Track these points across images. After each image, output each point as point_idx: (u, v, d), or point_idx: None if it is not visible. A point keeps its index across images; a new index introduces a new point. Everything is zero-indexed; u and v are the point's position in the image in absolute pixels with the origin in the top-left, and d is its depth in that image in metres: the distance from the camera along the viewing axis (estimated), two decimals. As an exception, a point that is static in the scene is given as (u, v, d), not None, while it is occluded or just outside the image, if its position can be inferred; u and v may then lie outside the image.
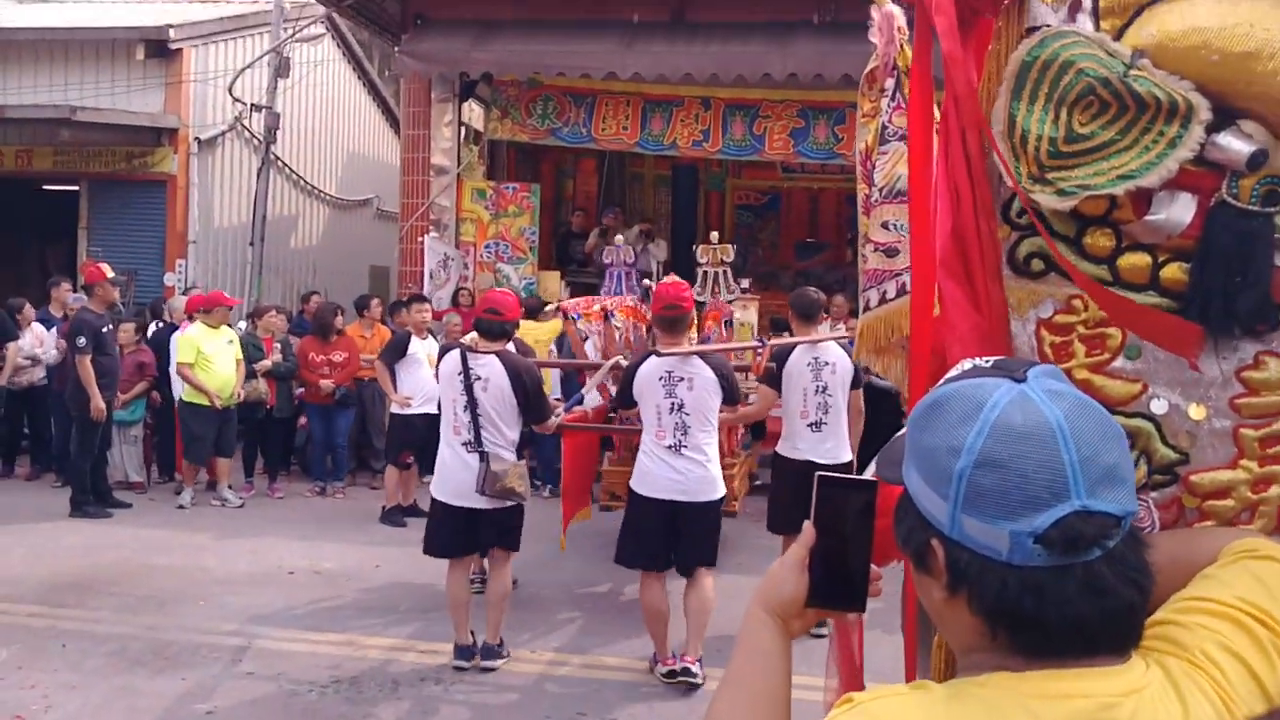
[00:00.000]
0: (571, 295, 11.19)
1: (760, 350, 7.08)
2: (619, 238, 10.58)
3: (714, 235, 9.53)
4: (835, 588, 1.34)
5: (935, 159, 1.85)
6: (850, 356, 6.37)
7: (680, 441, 5.61)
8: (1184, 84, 1.63)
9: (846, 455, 6.53)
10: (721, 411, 5.89)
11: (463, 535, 5.88)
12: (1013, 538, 1.09)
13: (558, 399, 7.68)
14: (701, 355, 5.84)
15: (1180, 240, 1.68)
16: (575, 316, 8.21)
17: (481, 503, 5.75)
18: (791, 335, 7.02)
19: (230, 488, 10.12)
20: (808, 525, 1.36)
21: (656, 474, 5.65)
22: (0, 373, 10.23)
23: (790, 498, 6.29)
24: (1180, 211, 1.67)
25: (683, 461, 5.62)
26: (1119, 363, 1.73)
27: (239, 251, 14.99)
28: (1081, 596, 1.09)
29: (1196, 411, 1.69)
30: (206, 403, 9.75)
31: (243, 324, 11.38)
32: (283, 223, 16.30)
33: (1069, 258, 1.73)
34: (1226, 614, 1.23)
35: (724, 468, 7.53)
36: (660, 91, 12.03)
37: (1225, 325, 1.64)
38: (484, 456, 5.69)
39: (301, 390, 10.82)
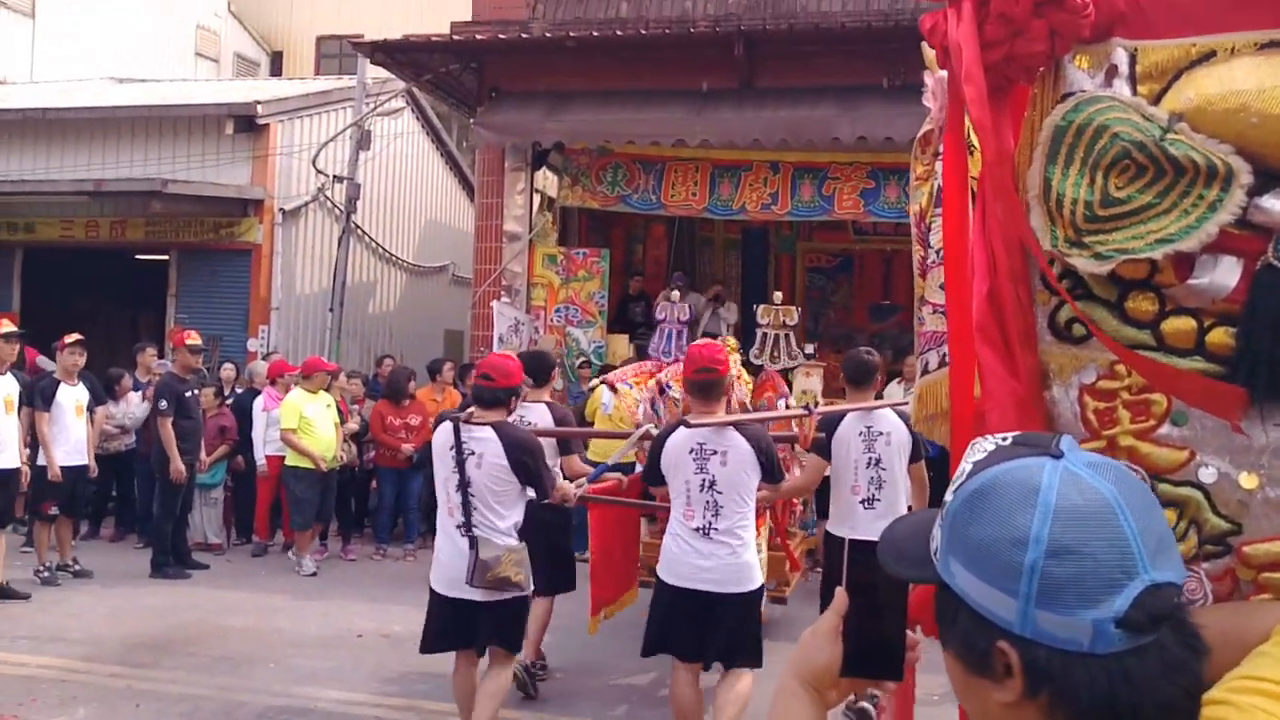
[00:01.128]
0: (638, 359, 11.15)
1: (807, 418, 6.25)
2: (674, 294, 10.50)
3: (777, 295, 9.26)
4: (871, 656, 1.30)
5: (971, 225, 1.85)
6: (904, 425, 5.87)
7: (710, 523, 4.96)
8: (1224, 147, 1.61)
9: None
10: (760, 489, 5.26)
11: (458, 629, 5.19)
12: (1096, 626, 1.03)
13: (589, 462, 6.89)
14: (738, 426, 5.12)
15: (1226, 304, 1.65)
16: (627, 385, 7.72)
17: (477, 594, 5.04)
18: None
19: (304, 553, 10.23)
20: (840, 592, 1.34)
21: (683, 560, 5.00)
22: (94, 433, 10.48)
23: (842, 581, 5.71)
24: (1224, 275, 1.64)
25: (711, 546, 4.95)
26: (1165, 429, 1.70)
27: (319, 317, 15.31)
28: (1165, 677, 1.03)
29: (1248, 480, 1.65)
30: (311, 466, 9.93)
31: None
32: (361, 289, 16.64)
33: (1111, 322, 1.71)
34: None
35: (776, 548, 7.06)
36: (729, 157, 12.12)
37: (1273, 390, 1.60)
38: (474, 542, 5.00)
39: (373, 453, 10.96)
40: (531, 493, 5.27)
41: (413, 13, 21.48)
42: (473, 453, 5.05)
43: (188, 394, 9.67)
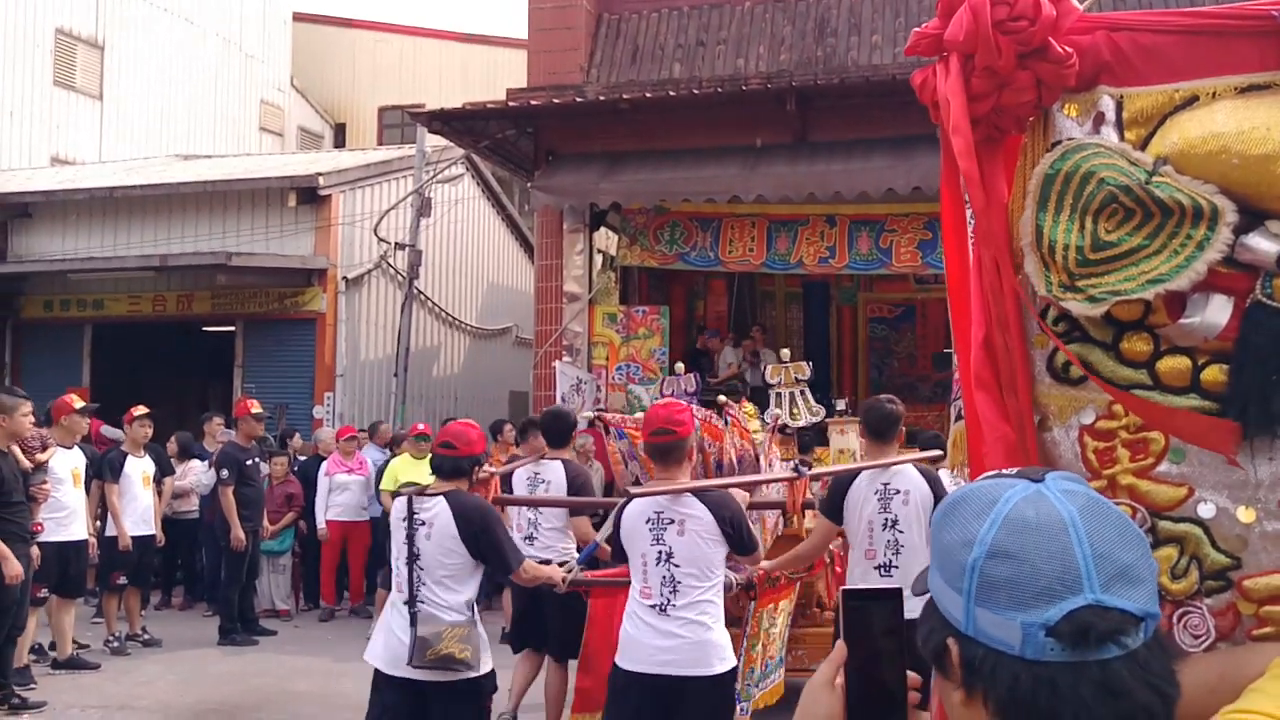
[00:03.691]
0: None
1: (797, 481, 5.58)
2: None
3: (785, 352, 8.80)
4: (873, 702, 1.33)
5: (970, 273, 1.89)
6: (925, 483, 5.38)
7: (668, 600, 4.43)
8: (1208, 188, 1.65)
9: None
10: (744, 562, 4.85)
11: (406, 710, 4.61)
12: (1024, 629, 1.08)
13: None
14: (698, 492, 4.59)
15: (1219, 342, 1.68)
16: (618, 433, 6.97)
17: (423, 674, 4.51)
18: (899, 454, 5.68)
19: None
20: (839, 643, 1.36)
21: (640, 642, 4.45)
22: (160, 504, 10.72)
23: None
24: (1216, 313, 1.67)
25: (670, 624, 4.41)
26: (1164, 467, 1.71)
27: (384, 382, 15.56)
28: (1096, 697, 1.06)
29: (1246, 514, 1.66)
30: None
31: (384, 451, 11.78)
32: (425, 353, 16.90)
33: (1108, 363, 1.74)
34: None
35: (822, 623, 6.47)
36: (785, 211, 12.18)
37: (1266, 424, 1.62)
38: (414, 618, 4.51)
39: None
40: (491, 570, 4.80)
41: (473, 81, 22.03)
42: (423, 523, 4.61)
43: (249, 462, 9.85)
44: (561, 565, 5.39)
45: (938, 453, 5.89)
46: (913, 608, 1.20)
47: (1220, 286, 1.66)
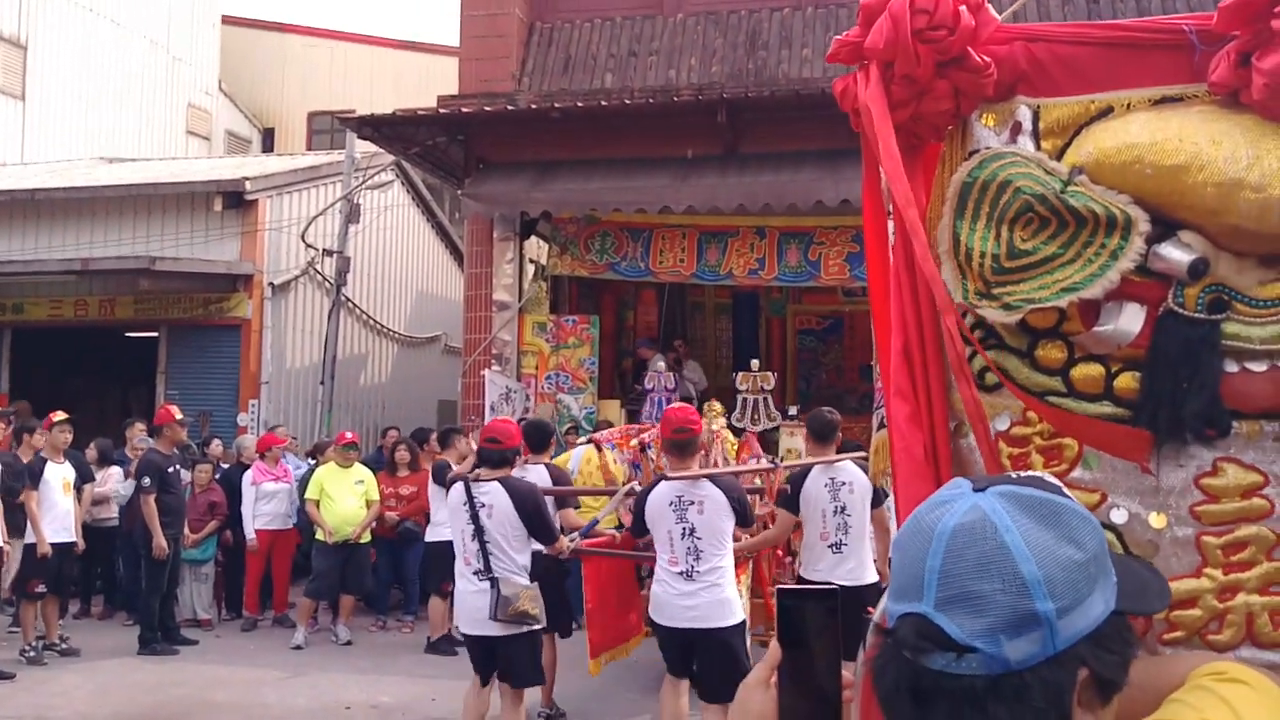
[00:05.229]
0: (628, 424, 11.24)
1: (774, 471, 7.09)
2: (660, 363, 10.72)
3: (754, 363, 9.56)
4: (806, 702, 1.32)
5: (891, 281, 1.90)
6: (864, 476, 6.36)
7: (692, 567, 5.50)
8: (1122, 198, 1.68)
9: (870, 577, 6.37)
10: (744, 533, 5.82)
11: (482, 664, 5.96)
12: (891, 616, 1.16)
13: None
14: (711, 478, 5.74)
15: (1132, 350, 1.70)
16: (610, 446, 8.16)
17: (495, 629, 5.71)
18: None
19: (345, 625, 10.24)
20: (773, 643, 1.35)
21: (669, 603, 5.56)
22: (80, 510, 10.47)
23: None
24: (1128, 321, 1.69)
25: (693, 586, 5.49)
26: (1077, 473, 1.73)
27: (310, 390, 15.35)
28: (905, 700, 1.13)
29: (1157, 520, 1.69)
30: (324, 539, 9.97)
31: (308, 461, 11.62)
32: (353, 361, 16.69)
33: (1023, 370, 1.76)
34: None
35: (759, 596, 7.48)
36: (715, 223, 12.23)
37: (1176, 431, 1.65)
38: (495, 583, 5.66)
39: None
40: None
41: (404, 87, 21.84)
42: (484, 505, 5.72)
43: (170, 469, 9.65)
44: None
45: (864, 455, 6.54)
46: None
47: (1133, 295, 1.68)
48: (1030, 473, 1.30)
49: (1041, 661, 1.08)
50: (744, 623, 5.71)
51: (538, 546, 6.04)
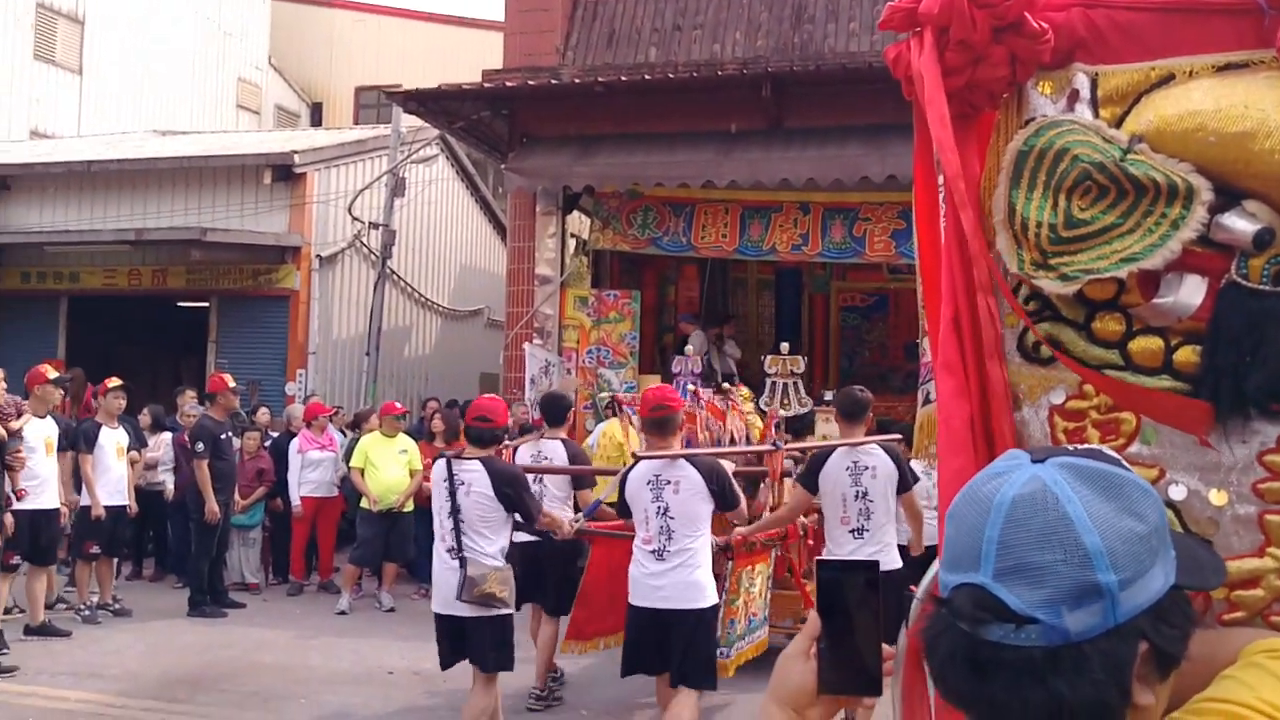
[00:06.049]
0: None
1: (774, 453, 6.84)
2: (689, 347, 10.62)
3: (784, 345, 9.43)
4: (846, 672, 1.31)
5: (942, 252, 1.87)
6: (890, 459, 6.09)
7: (664, 546, 5.36)
8: (1183, 166, 1.63)
9: (894, 563, 5.99)
10: (731, 517, 5.77)
11: (455, 645, 5.74)
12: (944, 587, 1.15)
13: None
14: (690, 459, 5.56)
15: (1192, 323, 1.66)
16: (633, 411, 7.85)
17: (464, 610, 5.53)
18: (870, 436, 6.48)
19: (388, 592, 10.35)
20: (812, 614, 1.35)
21: (642, 582, 5.42)
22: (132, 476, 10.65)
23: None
24: (1189, 294, 1.65)
25: (663, 565, 5.36)
26: (1135, 448, 1.70)
27: (356, 361, 15.50)
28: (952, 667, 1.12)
29: (1218, 497, 1.65)
30: (368, 506, 10.09)
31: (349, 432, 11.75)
32: (397, 333, 16.81)
33: (1079, 343, 1.73)
34: (1245, 716, 1.18)
35: (791, 587, 7.26)
36: (758, 198, 12.14)
37: (1238, 406, 1.61)
38: (464, 562, 5.49)
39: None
40: (519, 518, 5.79)
41: (449, 62, 21.84)
42: (463, 483, 5.57)
43: (222, 436, 9.82)
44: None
45: (896, 436, 6.60)
46: None
47: (1194, 266, 1.64)
48: (1089, 445, 1.28)
49: (1102, 634, 1.07)
50: (715, 607, 5.58)
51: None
